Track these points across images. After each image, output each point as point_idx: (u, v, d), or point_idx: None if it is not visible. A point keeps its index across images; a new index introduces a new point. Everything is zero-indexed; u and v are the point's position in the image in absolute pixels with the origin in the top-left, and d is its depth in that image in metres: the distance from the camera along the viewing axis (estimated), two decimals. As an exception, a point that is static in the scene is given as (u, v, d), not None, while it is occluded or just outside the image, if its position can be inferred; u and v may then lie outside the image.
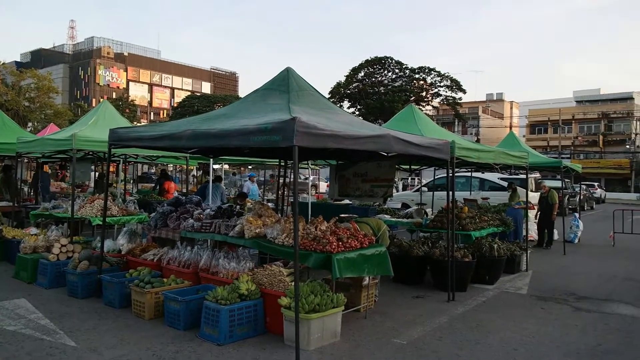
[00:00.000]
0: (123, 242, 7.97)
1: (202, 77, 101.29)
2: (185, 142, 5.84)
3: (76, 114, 53.86)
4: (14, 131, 11.67)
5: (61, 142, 8.68)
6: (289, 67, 6.63)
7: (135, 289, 6.10)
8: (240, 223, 6.52)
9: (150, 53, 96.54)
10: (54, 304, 6.50)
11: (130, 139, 6.69)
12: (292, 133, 4.64)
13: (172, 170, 31.08)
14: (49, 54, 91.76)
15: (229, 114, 6.16)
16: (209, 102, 58.62)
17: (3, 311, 6.12)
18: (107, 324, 5.77)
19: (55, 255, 7.47)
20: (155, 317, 5.94)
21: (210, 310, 5.27)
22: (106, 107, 10.23)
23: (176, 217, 7.60)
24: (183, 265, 6.73)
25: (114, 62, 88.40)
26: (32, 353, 4.83)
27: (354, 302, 6.16)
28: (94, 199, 9.35)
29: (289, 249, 5.68)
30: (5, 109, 25.86)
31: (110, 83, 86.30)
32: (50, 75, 57.08)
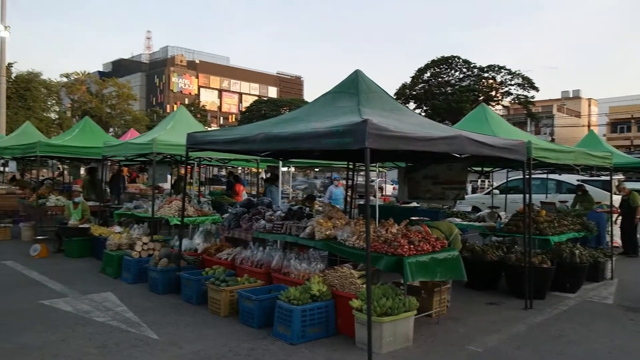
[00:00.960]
0: (199, 241, 8.33)
1: (269, 82, 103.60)
2: (258, 145, 6.00)
3: (152, 120, 56.89)
4: (101, 136, 12.54)
5: (143, 145, 9.22)
6: (357, 69, 6.65)
7: (211, 286, 6.34)
8: (311, 225, 6.60)
9: (219, 60, 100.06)
10: (138, 299, 6.90)
11: (206, 143, 6.97)
12: (364, 135, 4.65)
13: (240, 173, 32.04)
14: (128, 64, 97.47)
15: (300, 117, 6.26)
16: (276, 106, 59.90)
17: (93, 303, 6.58)
18: (186, 320, 6.04)
19: (137, 252, 7.92)
20: (230, 314, 6.15)
21: (283, 310, 5.38)
22: (182, 112, 10.73)
23: (248, 218, 7.82)
24: (255, 265, 6.92)
25: (186, 69, 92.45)
26: (120, 343, 5.15)
27: (426, 307, 6.05)
28: (172, 200, 9.82)
29: (360, 251, 5.69)
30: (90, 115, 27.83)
31: (183, 90, 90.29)
32: (129, 83, 60.72)
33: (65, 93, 52.97)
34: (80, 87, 53.47)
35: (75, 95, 53.23)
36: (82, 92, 53.37)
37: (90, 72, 59.50)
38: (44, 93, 48.61)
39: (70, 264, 9.26)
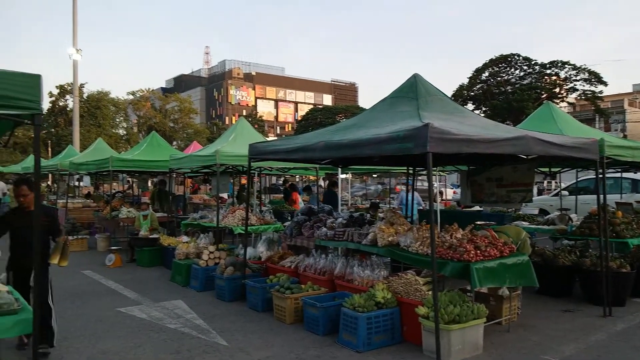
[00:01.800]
0: (262, 249, 8.49)
1: (323, 90, 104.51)
2: (319, 154, 6.06)
3: (212, 132, 58.81)
4: (166, 150, 13.11)
5: (207, 157, 9.55)
6: (416, 73, 6.58)
7: (276, 294, 6.44)
8: (373, 231, 6.58)
9: (275, 70, 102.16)
10: (206, 306, 7.12)
11: (268, 153, 7.12)
12: (426, 140, 4.60)
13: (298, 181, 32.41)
14: (189, 79, 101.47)
15: (359, 123, 6.27)
16: (331, 114, 60.23)
17: (165, 311, 6.86)
18: (253, 326, 6.17)
19: (204, 261, 8.19)
20: (295, 321, 6.21)
21: (348, 317, 5.38)
22: (243, 124, 11.03)
23: (310, 225, 7.90)
24: (319, 272, 6.96)
25: (243, 81, 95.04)
26: (192, 350, 5.34)
27: (495, 314, 5.85)
28: (235, 209, 10.09)
29: (424, 257, 5.60)
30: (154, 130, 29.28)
31: (240, 101, 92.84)
32: (190, 98, 63.30)
33: (131, 110, 55.91)
34: (145, 103, 56.26)
35: (141, 112, 56.08)
36: (147, 108, 56.13)
37: (154, 89, 62.49)
38: (113, 110, 51.54)
39: (142, 273, 9.70)
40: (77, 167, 14.69)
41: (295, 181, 25.30)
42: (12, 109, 3.05)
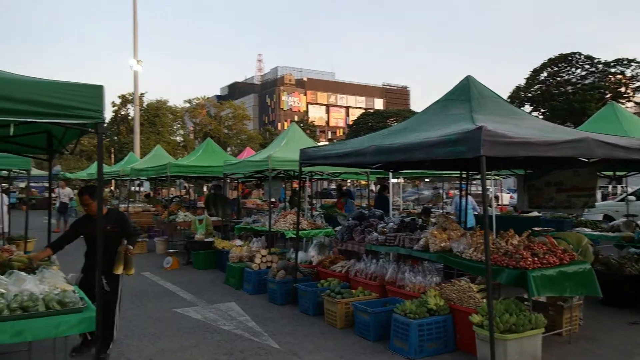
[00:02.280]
0: (313, 253, 8.55)
1: (375, 94, 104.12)
2: (370, 158, 6.04)
3: (265, 138, 59.88)
4: (221, 156, 13.47)
5: (259, 163, 9.75)
6: (469, 75, 6.44)
7: (327, 298, 6.47)
8: (425, 237, 6.47)
9: (325, 76, 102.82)
10: (258, 309, 7.24)
11: (318, 157, 7.17)
12: (479, 143, 4.49)
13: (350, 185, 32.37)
14: (242, 86, 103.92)
15: (411, 127, 6.20)
16: (382, 118, 59.90)
17: (219, 312, 7.04)
18: (304, 330, 6.22)
19: (257, 264, 8.34)
20: (346, 326, 6.21)
21: (400, 324, 5.31)
22: (294, 129, 11.17)
23: (361, 230, 7.88)
24: (369, 277, 6.93)
25: (295, 87, 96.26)
26: (244, 351, 5.45)
27: (555, 325, 5.61)
28: (287, 214, 10.22)
29: (479, 264, 5.45)
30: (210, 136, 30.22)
31: (292, 107, 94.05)
32: (243, 104, 64.77)
33: (188, 117, 57.87)
34: (201, 111, 58.10)
35: (197, 119, 57.93)
36: (203, 115, 57.94)
37: (210, 97, 64.41)
38: (171, 118, 53.57)
39: (197, 275, 10.00)
40: (137, 173, 15.36)
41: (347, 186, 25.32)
42: (77, 118, 3.24)
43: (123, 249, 5.01)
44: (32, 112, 3.06)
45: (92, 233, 5.05)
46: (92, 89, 3.28)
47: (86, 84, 3.27)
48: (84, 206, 5.26)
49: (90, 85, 3.29)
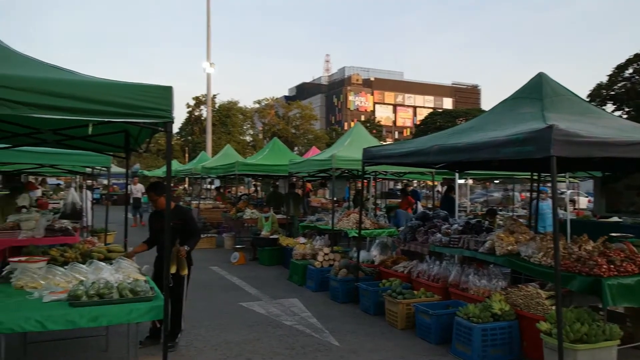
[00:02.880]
0: (375, 253, 8.53)
1: (443, 93, 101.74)
2: (433, 158, 5.93)
3: (331, 137, 60.22)
4: (287, 155, 13.75)
5: (323, 162, 9.85)
6: (541, 72, 6.15)
7: (388, 298, 6.43)
8: (491, 239, 6.27)
9: (393, 75, 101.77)
10: (320, 306, 7.33)
11: (381, 157, 7.14)
12: (549, 143, 4.29)
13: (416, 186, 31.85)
14: (310, 87, 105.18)
15: (476, 126, 6.02)
16: (451, 117, 58.40)
17: (282, 308, 7.19)
18: (364, 329, 6.22)
19: (320, 262, 8.44)
20: (407, 327, 6.15)
21: (462, 327, 5.19)
22: (359, 129, 11.18)
23: (424, 231, 7.76)
24: (432, 279, 6.81)
25: (362, 87, 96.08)
26: (305, 347, 5.54)
27: (634, 337, 5.24)
28: (350, 213, 10.25)
29: (548, 269, 5.20)
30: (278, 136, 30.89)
31: (359, 107, 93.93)
32: (311, 105, 65.52)
33: (257, 117, 59.40)
34: (270, 111, 59.39)
35: (266, 119, 59.29)
36: (271, 115, 59.21)
37: (278, 97, 65.75)
38: (241, 119, 55.22)
39: (263, 271, 10.26)
40: (208, 171, 16.00)
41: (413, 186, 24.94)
42: (149, 117, 3.45)
43: (175, 249, 5.12)
44: (108, 112, 3.30)
45: (158, 227, 5.39)
46: (162, 90, 3.48)
47: (157, 85, 3.47)
48: (152, 202, 5.57)
49: (161, 86, 3.49)
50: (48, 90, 3.12)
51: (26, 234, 7.50)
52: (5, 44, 4.13)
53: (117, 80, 3.45)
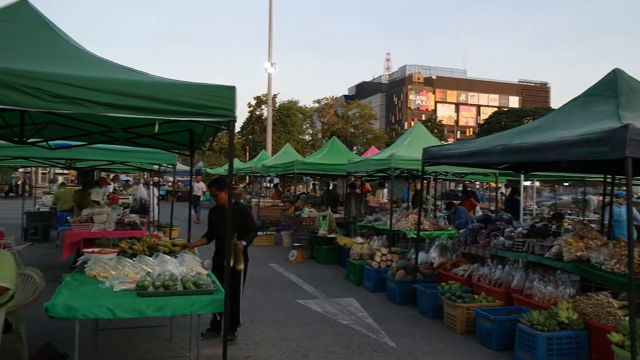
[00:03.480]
0: (435, 255, 8.37)
1: (509, 92, 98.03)
2: (496, 158, 5.74)
3: (391, 137, 59.66)
4: (345, 154, 13.77)
5: (382, 161, 9.78)
6: (616, 68, 5.79)
7: (447, 302, 6.29)
8: (558, 244, 5.98)
9: (456, 73, 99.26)
10: (376, 306, 7.28)
11: (441, 157, 6.99)
12: (624, 143, 4.05)
13: (478, 188, 30.91)
14: (369, 86, 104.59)
15: (544, 125, 5.77)
16: (517, 117, 56.23)
17: (338, 307, 7.21)
18: (422, 332, 6.12)
19: (377, 262, 8.39)
20: (466, 332, 5.99)
21: (525, 334, 4.98)
22: (419, 128, 11.01)
23: (486, 234, 7.52)
24: (494, 283, 6.59)
25: (423, 86, 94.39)
26: (361, 347, 5.52)
27: None
28: (409, 213, 10.11)
29: (621, 277, 4.90)
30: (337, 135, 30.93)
31: (420, 106, 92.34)
32: (370, 104, 65.22)
33: (317, 117, 59.83)
34: (329, 110, 59.65)
35: (325, 118, 59.61)
36: (331, 115, 59.45)
37: (337, 97, 65.90)
38: (300, 118, 55.84)
39: (319, 269, 10.33)
40: (268, 170, 16.31)
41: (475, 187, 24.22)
42: (212, 116, 3.56)
43: (233, 243, 5.21)
44: (174, 112, 3.44)
45: (218, 222, 5.56)
46: (226, 90, 3.58)
47: (220, 85, 3.58)
48: (213, 197, 5.75)
49: (224, 86, 3.60)
50: (121, 90, 3.30)
51: (98, 226, 7.98)
52: (81, 46, 4.41)
53: (183, 81, 3.59)
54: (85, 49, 4.29)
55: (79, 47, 4.29)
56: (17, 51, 3.73)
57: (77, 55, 4.04)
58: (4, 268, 4.03)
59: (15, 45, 3.81)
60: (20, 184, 35.10)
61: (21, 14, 4.20)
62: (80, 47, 4.31)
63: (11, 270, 4.09)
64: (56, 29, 4.33)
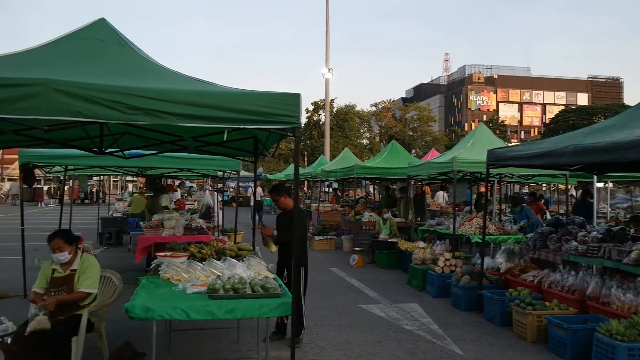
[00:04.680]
0: (501, 260, 8.09)
1: (578, 88, 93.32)
2: (567, 159, 5.50)
3: (451, 139, 58.34)
4: (405, 157, 13.64)
5: (443, 164, 9.60)
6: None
7: (516, 308, 6.07)
8: (637, 249, 5.63)
9: (519, 72, 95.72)
10: (441, 312, 7.14)
11: (507, 159, 6.76)
12: None
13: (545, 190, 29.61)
14: (428, 87, 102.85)
15: (620, 124, 5.47)
16: (587, 114, 53.44)
17: (401, 312, 7.14)
18: (490, 339, 5.94)
19: (440, 267, 8.23)
20: (537, 340, 5.75)
21: (603, 345, 4.72)
22: (482, 129, 10.71)
23: (557, 238, 7.19)
24: (566, 290, 6.29)
25: (484, 86, 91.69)
26: (427, 353, 5.44)
27: None
28: (472, 217, 9.86)
29: None
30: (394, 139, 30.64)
31: (480, 107, 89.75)
32: (429, 106, 64.10)
33: (374, 120, 59.53)
34: (387, 114, 59.18)
35: (382, 122, 59.18)
36: (388, 118, 58.96)
37: (395, 100, 65.30)
38: (358, 122, 55.75)
39: (381, 274, 10.26)
40: (327, 174, 16.41)
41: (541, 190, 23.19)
42: (279, 124, 3.65)
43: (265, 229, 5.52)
44: (242, 120, 3.56)
45: (280, 226, 5.69)
46: (291, 97, 3.67)
47: (286, 92, 3.67)
48: (274, 202, 5.90)
49: (289, 94, 3.68)
50: (192, 101, 3.45)
51: (168, 231, 8.34)
52: (152, 59, 4.65)
53: (250, 90, 3.71)
54: (157, 62, 4.52)
55: (151, 60, 4.53)
56: (96, 67, 3.99)
57: (150, 69, 4.26)
58: (90, 273, 4.34)
59: (95, 61, 4.09)
60: (95, 191, 37.33)
61: (100, 32, 4.49)
62: (152, 60, 4.55)
63: (96, 274, 4.39)
64: (131, 45, 4.60)
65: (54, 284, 4.33)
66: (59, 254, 4.31)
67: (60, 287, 4.32)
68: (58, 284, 4.34)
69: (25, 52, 4.20)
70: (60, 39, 4.41)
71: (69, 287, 4.34)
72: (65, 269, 4.40)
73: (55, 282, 4.34)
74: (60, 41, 4.37)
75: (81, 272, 4.39)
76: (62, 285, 4.33)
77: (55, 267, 4.39)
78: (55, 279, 4.35)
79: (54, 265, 4.40)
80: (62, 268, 4.39)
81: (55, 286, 4.33)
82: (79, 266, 4.41)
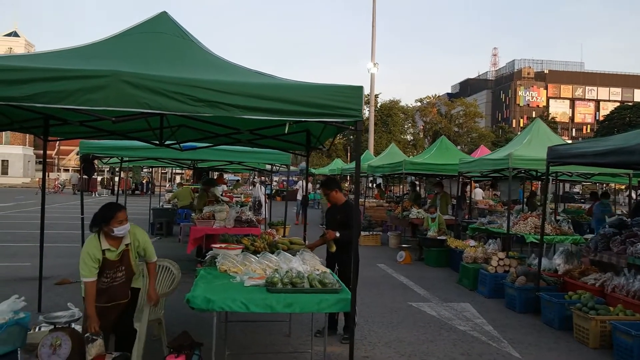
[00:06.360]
0: (559, 262, 7.77)
1: (635, 84, 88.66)
2: (639, 157, 5.18)
3: (497, 136, 56.77)
4: (455, 154, 13.31)
5: (498, 161, 9.28)
6: None
7: (578, 313, 5.80)
8: None
9: (572, 67, 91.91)
10: (494, 313, 6.93)
11: (570, 156, 6.47)
12: None
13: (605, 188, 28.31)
14: (474, 83, 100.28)
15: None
16: (645, 111, 50.69)
17: (453, 312, 6.97)
18: (548, 343, 5.71)
19: (493, 267, 7.98)
20: (600, 347, 5.49)
21: (678, 355, 4.44)
22: (539, 126, 10.30)
23: (620, 240, 6.82)
24: (632, 295, 5.97)
25: (534, 81, 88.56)
26: (482, 355, 5.28)
27: None
28: (527, 216, 9.51)
29: None
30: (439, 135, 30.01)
31: (530, 102, 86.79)
32: (475, 101, 62.53)
33: (419, 116, 58.65)
34: (432, 109, 58.18)
35: (427, 118, 58.22)
36: (433, 114, 57.96)
37: (440, 95, 64.07)
38: (402, 118, 55.08)
39: (429, 272, 10.07)
40: (374, 170, 16.26)
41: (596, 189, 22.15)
42: (340, 117, 3.58)
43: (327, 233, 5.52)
44: (305, 113, 3.52)
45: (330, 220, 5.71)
46: (353, 90, 3.59)
47: (348, 85, 3.60)
48: (325, 197, 5.89)
49: (352, 86, 3.61)
50: (256, 93, 3.43)
51: (219, 223, 8.45)
52: (214, 52, 4.67)
53: (312, 83, 3.66)
54: (218, 55, 4.54)
55: (212, 53, 4.56)
56: (160, 59, 4.02)
57: (212, 61, 4.28)
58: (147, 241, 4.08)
59: (158, 53, 4.13)
60: (145, 182, 38.53)
61: (162, 26, 4.55)
62: (212, 53, 4.57)
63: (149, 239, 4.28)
64: (192, 37, 4.64)
65: (109, 266, 3.85)
66: (121, 227, 3.82)
67: (116, 268, 3.90)
68: (114, 265, 3.88)
69: (90, 46, 4.29)
70: (124, 32, 4.48)
71: (126, 264, 3.95)
72: (117, 244, 3.89)
73: (109, 264, 3.85)
74: (124, 34, 4.44)
75: (135, 243, 4.01)
76: (119, 264, 3.91)
77: (105, 247, 3.83)
78: (108, 260, 3.84)
79: (103, 245, 3.83)
80: (113, 245, 3.87)
81: (111, 267, 3.86)
82: (131, 238, 4.00)
